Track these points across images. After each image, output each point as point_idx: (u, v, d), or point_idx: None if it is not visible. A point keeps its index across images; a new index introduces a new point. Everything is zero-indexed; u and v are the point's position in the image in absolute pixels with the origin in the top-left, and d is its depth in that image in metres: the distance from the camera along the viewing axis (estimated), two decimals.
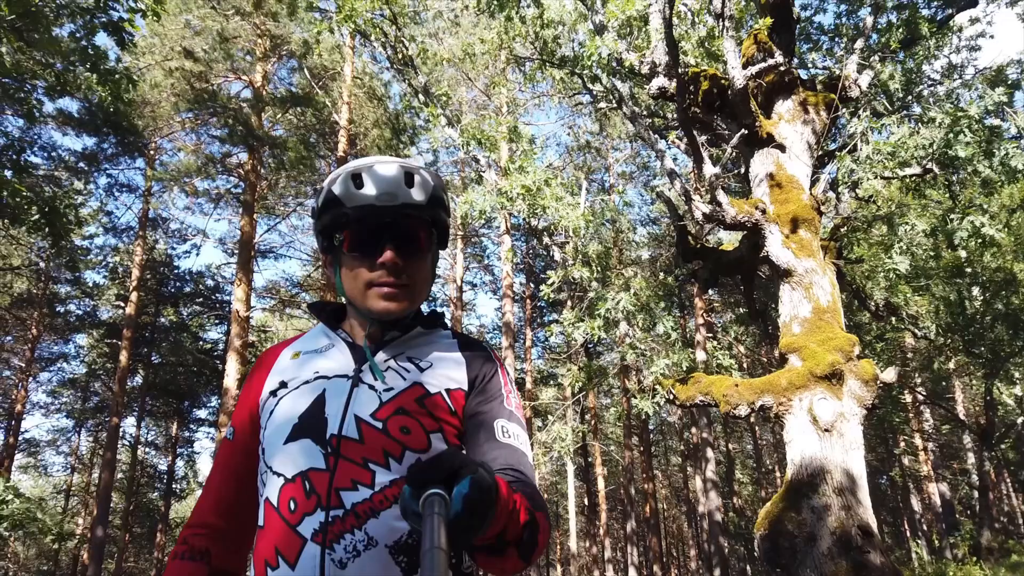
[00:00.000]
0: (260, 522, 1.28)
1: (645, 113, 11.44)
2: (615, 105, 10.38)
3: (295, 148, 16.05)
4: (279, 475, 1.27)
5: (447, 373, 1.38)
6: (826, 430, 6.82)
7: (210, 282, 27.09)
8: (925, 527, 28.23)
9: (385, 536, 1.18)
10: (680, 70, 7.43)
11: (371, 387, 1.32)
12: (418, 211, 1.36)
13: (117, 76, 6.51)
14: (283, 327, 27.56)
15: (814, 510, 6.55)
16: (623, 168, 24.06)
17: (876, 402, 7.12)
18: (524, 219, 8.83)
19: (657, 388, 7.67)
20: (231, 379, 15.48)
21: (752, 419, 22.08)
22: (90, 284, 26.68)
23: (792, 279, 7.57)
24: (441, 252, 1.52)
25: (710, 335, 21.00)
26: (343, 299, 1.46)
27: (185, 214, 22.20)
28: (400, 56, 9.84)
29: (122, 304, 24.44)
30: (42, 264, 24.62)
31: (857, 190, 8.52)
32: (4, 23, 5.89)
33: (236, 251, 19.04)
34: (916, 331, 10.72)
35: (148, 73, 14.28)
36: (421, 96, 9.86)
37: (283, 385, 1.38)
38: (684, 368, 7.78)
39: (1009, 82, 9.57)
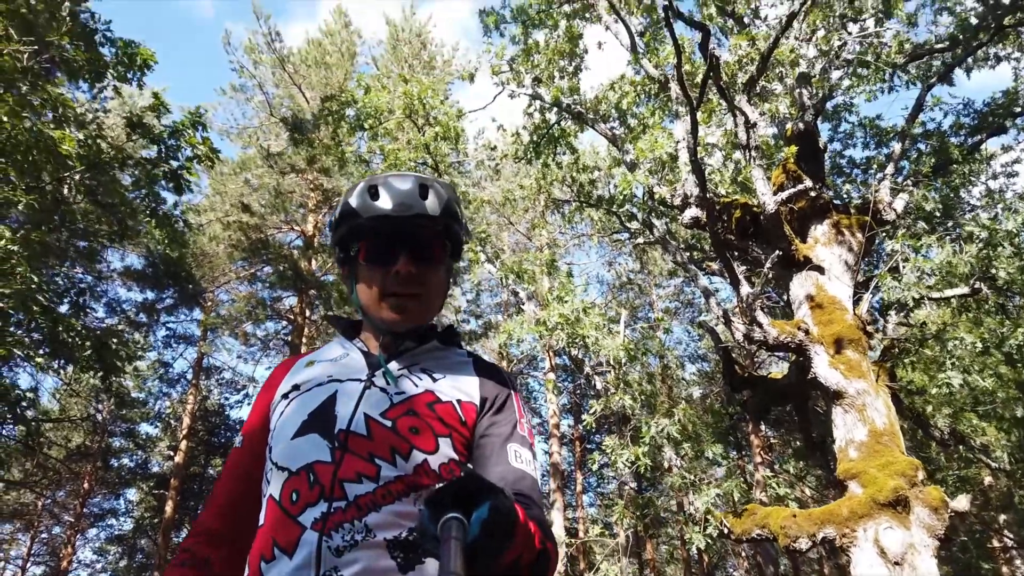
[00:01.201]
0: (260, 521, 1.26)
1: (683, 247, 11.63)
2: (651, 239, 10.60)
3: (341, 291, 16.67)
4: (284, 470, 1.25)
5: (460, 386, 1.37)
6: (896, 563, 6.27)
7: None
8: None
9: (385, 530, 1.16)
10: (711, 199, 7.61)
11: (383, 390, 1.32)
12: (432, 222, 1.37)
13: (174, 220, 7.02)
14: None
15: None
16: (667, 304, 24.11)
17: (948, 533, 6.59)
18: (564, 350, 8.82)
19: (709, 519, 7.25)
20: None
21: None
22: (143, 436, 26.98)
23: (844, 401, 7.28)
24: None
25: (771, 474, 19.97)
26: (359, 312, 1.47)
27: (237, 362, 22.71)
28: None
29: (172, 454, 24.59)
30: (99, 417, 25.18)
31: (906, 314, 8.35)
32: (74, 176, 6.50)
33: None
34: (989, 462, 10.05)
35: (208, 228, 15.31)
36: (465, 229, 10.22)
37: (295, 388, 1.38)
38: (736, 499, 7.37)
39: None
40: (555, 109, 10.38)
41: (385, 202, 1.35)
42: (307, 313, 17.37)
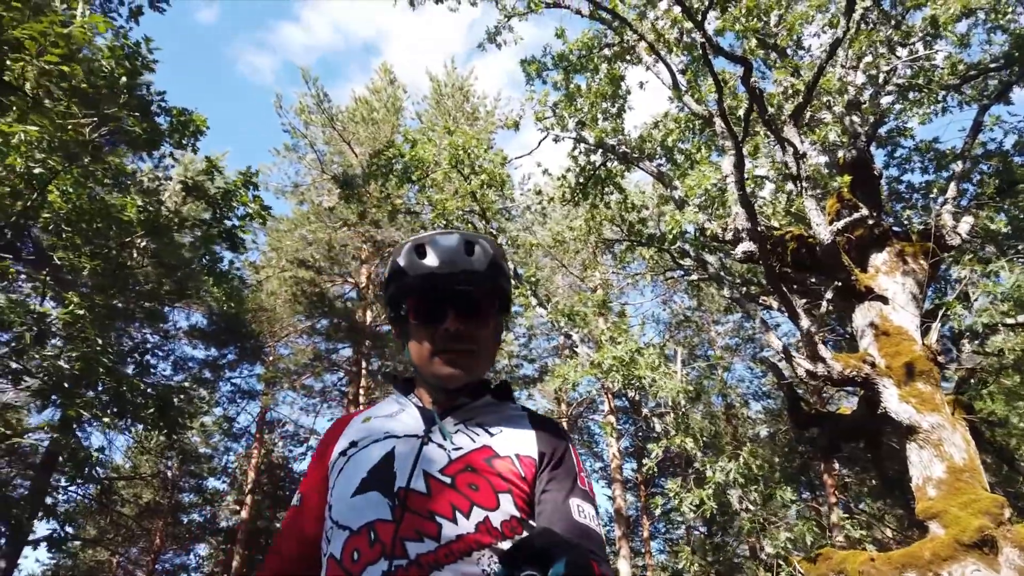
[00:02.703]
0: None
1: (739, 281, 11.41)
2: (705, 276, 10.43)
3: (397, 343, 16.75)
4: (344, 528, 1.25)
5: (517, 441, 1.36)
6: None
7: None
8: None
9: None
10: (763, 232, 7.45)
11: (440, 446, 1.32)
12: (479, 278, 1.39)
13: (231, 277, 7.27)
14: None
15: None
16: (726, 342, 23.55)
17: None
18: (622, 392, 8.67)
19: (781, 564, 6.92)
20: None
21: None
22: (211, 491, 27.42)
23: (918, 437, 6.92)
24: None
25: (846, 515, 19.05)
26: (413, 369, 1.48)
27: (299, 414, 23.01)
28: None
29: (238, 508, 24.90)
30: (169, 473, 25.73)
31: (980, 342, 7.96)
32: (137, 240, 6.82)
33: None
34: None
35: (266, 284, 15.75)
36: (513, 281, 10.25)
37: (353, 445, 1.39)
38: (809, 543, 7.02)
39: None
40: (599, 150, 10.41)
41: (432, 260, 1.37)
42: (363, 364, 17.58)
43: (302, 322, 17.67)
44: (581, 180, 11.13)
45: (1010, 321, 7.95)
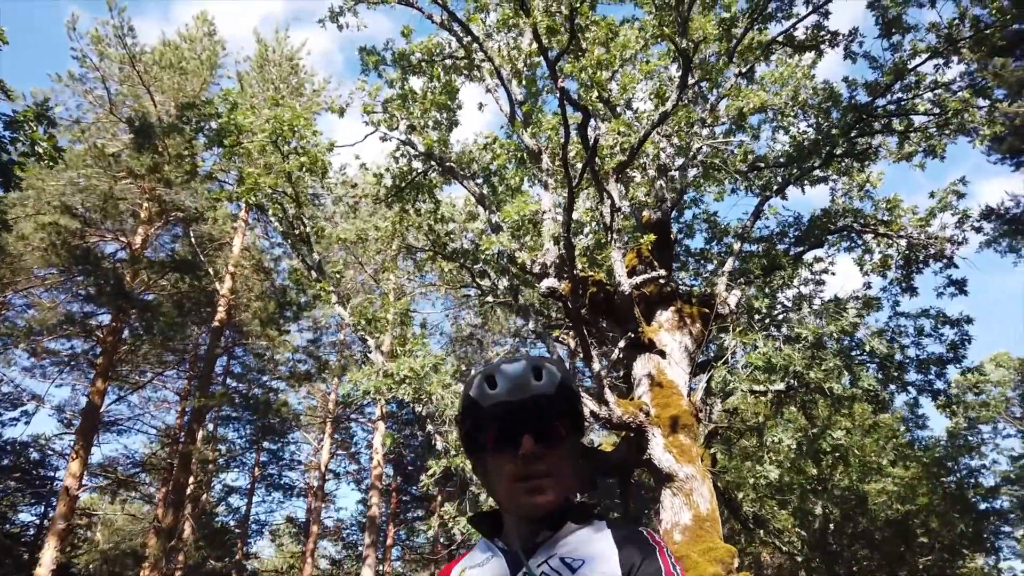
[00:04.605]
0: None
1: (533, 309, 11.85)
2: (504, 300, 10.68)
3: (169, 313, 15.19)
4: None
5: (600, 569, 1.38)
6: None
7: (35, 455, 23.96)
8: None
9: None
10: (577, 276, 7.80)
11: None
12: (549, 401, 1.42)
13: None
14: (114, 511, 24.46)
15: None
16: None
17: None
18: (409, 403, 8.56)
19: None
20: (45, 569, 13.14)
21: None
22: None
23: (674, 484, 7.59)
24: (307, 437, 1.54)
25: None
26: (497, 504, 1.53)
27: (23, 376, 19.98)
28: (297, 232, 9.84)
29: None
30: None
31: (728, 400, 8.97)
32: None
33: (77, 420, 17.11)
34: (782, 546, 10.88)
35: (16, 225, 13.43)
36: (314, 273, 9.77)
37: None
38: None
39: (859, 308, 10.71)
40: (425, 159, 10.31)
41: (502, 388, 1.41)
42: (122, 334, 15.63)
43: (54, 276, 15.27)
44: (399, 183, 10.95)
45: (757, 388, 9.08)
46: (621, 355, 8.26)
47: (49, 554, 13.39)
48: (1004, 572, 23.12)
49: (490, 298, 11.94)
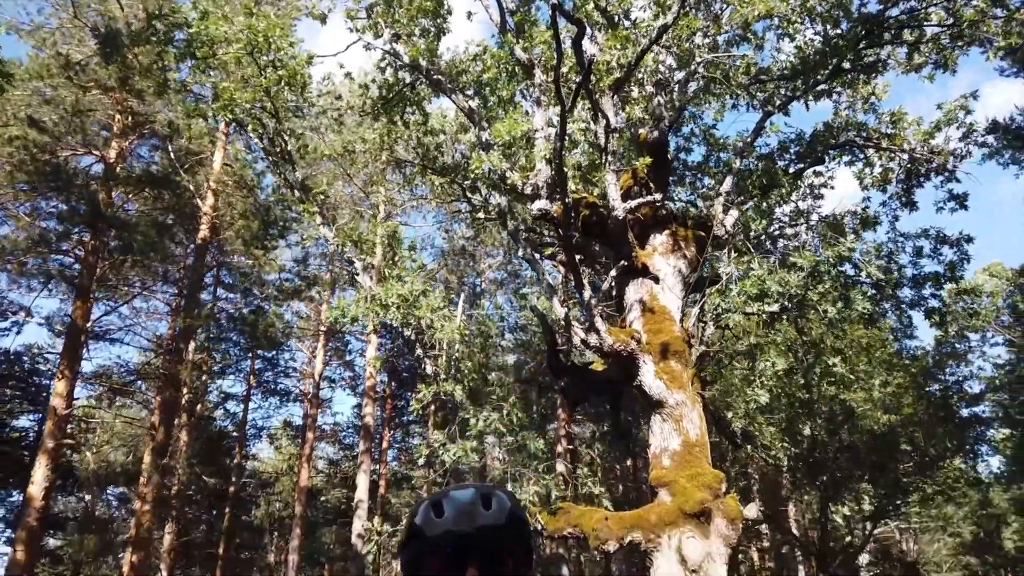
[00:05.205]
0: None
1: (523, 227, 11.60)
2: (494, 218, 10.42)
3: (147, 232, 14.78)
4: None
5: None
6: (693, 571, 6.70)
7: (27, 364, 24.08)
8: None
9: None
10: (570, 203, 7.52)
11: None
12: (499, 534, 1.37)
13: None
14: (110, 418, 24.85)
15: None
16: (495, 275, 24.29)
17: (739, 542, 7.17)
18: (399, 327, 8.44)
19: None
20: (37, 487, 13.34)
21: None
22: None
23: (663, 410, 7.60)
24: (300, 347, 1.34)
25: (570, 447, 21.00)
26: None
27: (9, 288, 19.67)
28: (278, 149, 9.43)
29: None
30: None
31: (720, 321, 8.89)
32: None
33: (64, 335, 16.99)
34: (768, 459, 11.11)
35: None
36: (297, 192, 9.44)
37: None
38: (552, 496, 7.50)
39: (857, 225, 10.54)
40: (411, 70, 9.79)
41: (448, 516, 1.37)
42: (100, 252, 15.21)
43: (26, 193, 14.65)
44: (385, 94, 10.46)
45: (749, 310, 8.98)
46: (613, 283, 8.09)
47: (41, 472, 13.57)
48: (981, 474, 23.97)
49: (481, 214, 11.68)
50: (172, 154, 15.43)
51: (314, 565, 37.91)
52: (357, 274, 9.08)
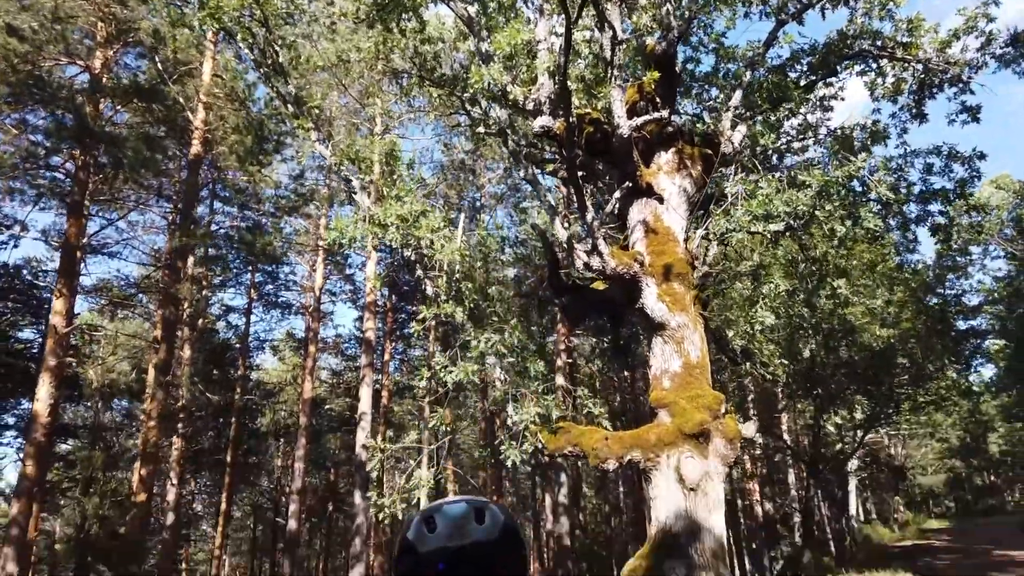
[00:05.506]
0: None
1: (523, 142, 11.28)
2: (494, 132, 10.12)
3: (137, 147, 14.36)
4: None
5: None
6: (691, 489, 6.84)
7: (28, 278, 24.06)
8: (754, 545, 30.14)
9: None
10: (574, 123, 7.24)
11: None
12: (492, 549, 1.37)
13: None
14: (114, 329, 25.01)
15: (677, 573, 6.54)
16: (495, 189, 23.92)
17: (736, 460, 7.28)
18: (398, 247, 8.31)
19: (527, 436, 7.43)
20: (43, 403, 13.53)
21: None
22: None
23: (665, 333, 7.58)
24: (300, 261, 1.27)
25: (569, 360, 21.28)
26: None
27: (1, 201, 19.31)
28: (270, 61, 9.04)
29: None
30: None
31: (724, 240, 8.76)
32: None
33: (60, 252, 16.85)
34: (767, 375, 11.21)
35: None
36: (291, 106, 9.11)
37: None
38: (552, 417, 7.58)
39: (866, 139, 10.27)
40: None
41: (441, 532, 1.37)
42: (91, 168, 14.82)
43: (9, 106, 14.06)
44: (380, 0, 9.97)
45: (753, 230, 8.84)
46: (616, 204, 7.91)
47: (45, 389, 13.74)
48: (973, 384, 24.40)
49: (481, 129, 11.35)
50: (159, 64, 14.82)
51: (320, 469, 39.24)
52: (355, 192, 8.88)
